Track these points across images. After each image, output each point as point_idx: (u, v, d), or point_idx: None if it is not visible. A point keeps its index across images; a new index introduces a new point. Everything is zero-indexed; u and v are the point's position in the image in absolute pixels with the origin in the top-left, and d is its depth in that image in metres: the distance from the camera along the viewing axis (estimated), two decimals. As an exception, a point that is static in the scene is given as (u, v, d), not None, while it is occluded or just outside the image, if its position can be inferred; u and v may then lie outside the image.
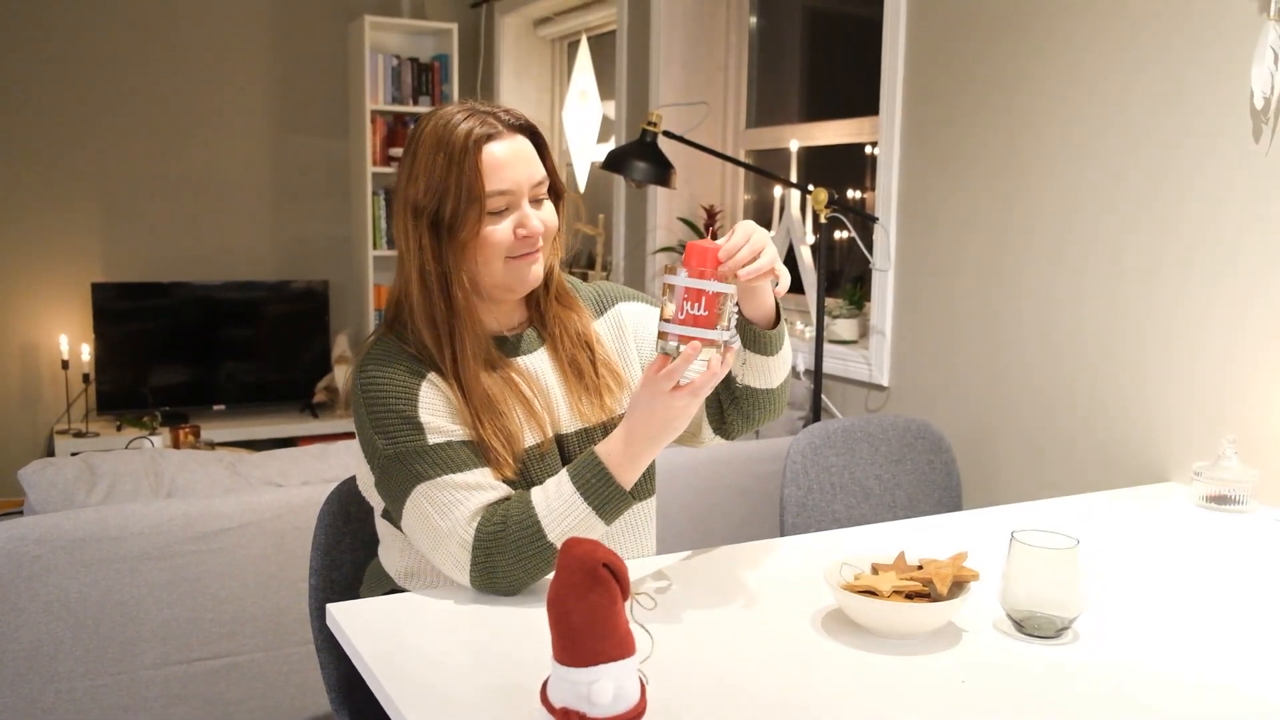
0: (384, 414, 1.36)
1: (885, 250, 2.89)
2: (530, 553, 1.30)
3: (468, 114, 1.39)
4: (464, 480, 1.34)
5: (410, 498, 1.35)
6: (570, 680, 0.95)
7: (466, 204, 1.36)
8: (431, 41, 5.27)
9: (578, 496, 1.30)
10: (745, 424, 1.56)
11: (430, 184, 1.37)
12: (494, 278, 1.41)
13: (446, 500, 1.33)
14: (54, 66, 4.71)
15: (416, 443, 1.35)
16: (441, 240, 1.38)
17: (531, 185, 1.41)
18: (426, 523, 1.34)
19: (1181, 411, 2.14)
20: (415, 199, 1.38)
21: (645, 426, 1.30)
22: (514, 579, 1.32)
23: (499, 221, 1.39)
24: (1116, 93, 2.25)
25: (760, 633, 1.26)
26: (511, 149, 1.39)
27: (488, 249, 1.39)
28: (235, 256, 5.15)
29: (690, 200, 3.94)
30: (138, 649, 1.98)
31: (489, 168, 1.37)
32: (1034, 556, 1.24)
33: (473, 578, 1.32)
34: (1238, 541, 1.69)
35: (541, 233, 1.41)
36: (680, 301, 1.24)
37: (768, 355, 1.46)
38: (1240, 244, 2.02)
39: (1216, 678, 1.17)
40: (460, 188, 1.36)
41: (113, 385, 4.78)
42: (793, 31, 3.82)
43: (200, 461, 2.23)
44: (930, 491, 2.29)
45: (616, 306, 1.60)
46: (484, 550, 1.31)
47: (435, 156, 1.37)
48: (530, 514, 1.30)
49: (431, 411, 1.37)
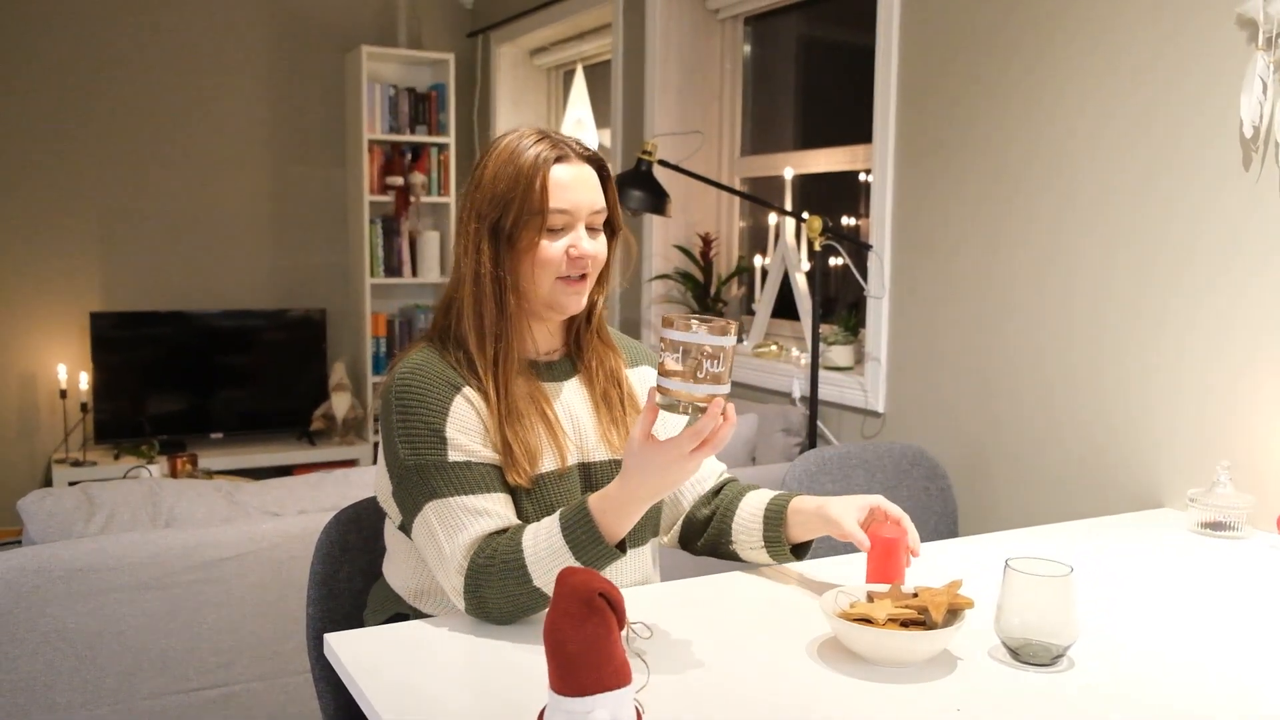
0: (412, 423, 1.39)
1: (880, 277, 2.91)
2: (517, 592, 1.31)
3: (541, 137, 1.46)
4: (474, 504, 1.36)
5: (421, 512, 1.38)
6: (567, 710, 0.96)
7: (529, 216, 1.42)
8: (428, 71, 5.31)
9: (566, 550, 1.30)
10: (710, 554, 1.64)
11: (497, 193, 1.43)
12: (541, 294, 1.46)
13: (454, 522, 1.35)
14: (52, 95, 4.74)
15: (437, 457, 1.37)
16: (500, 248, 1.44)
17: (591, 211, 1.46)
18: (433, 540, 1.36)
19: (1176, 438, 2.16)
20: (480, 205, 1.45)
21: (656, 484, 1.28)
22: (504, 612, 1.33)
23: (555, 239, 1.44)
24: (1108, 122, 2.27)
25: (756, 661, 1.27)
26: (577, 174, 1.45)
27: (540, 263, 1.43)
28: (233, 285, 5.16)
29: (686, 228, 3.96)
30: (136, 679, 1.97)
31: (554, 186, 1.43)
32: (1029, 584, 1.24)
33: (466, 605, 1.34)
34: (1233, 568, 1.70)
35: (591, 257, 1.46)
36: (701, 359, 1.22)
37: (778, 561, 1.58)
38: (1231, 271, 2.04)
39: (1212, 704, 1.18)
40: (525, 200, 1.42)
41: (111, 414, 4.78)
42: (786, 60, 3.86)
43: (198, 491, 2.24)
44: (926, 518, 2.29)
45: (642, 367, 1.66)
46: (474, 581, 1.32)
47: (506, 168, 1.44)
48: (519, 555, 1.31)
49: (459, 428, 1.39)
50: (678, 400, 1.23)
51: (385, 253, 5.18)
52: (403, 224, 5.19)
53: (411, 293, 5.43)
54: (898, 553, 1.44)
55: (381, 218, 5.15)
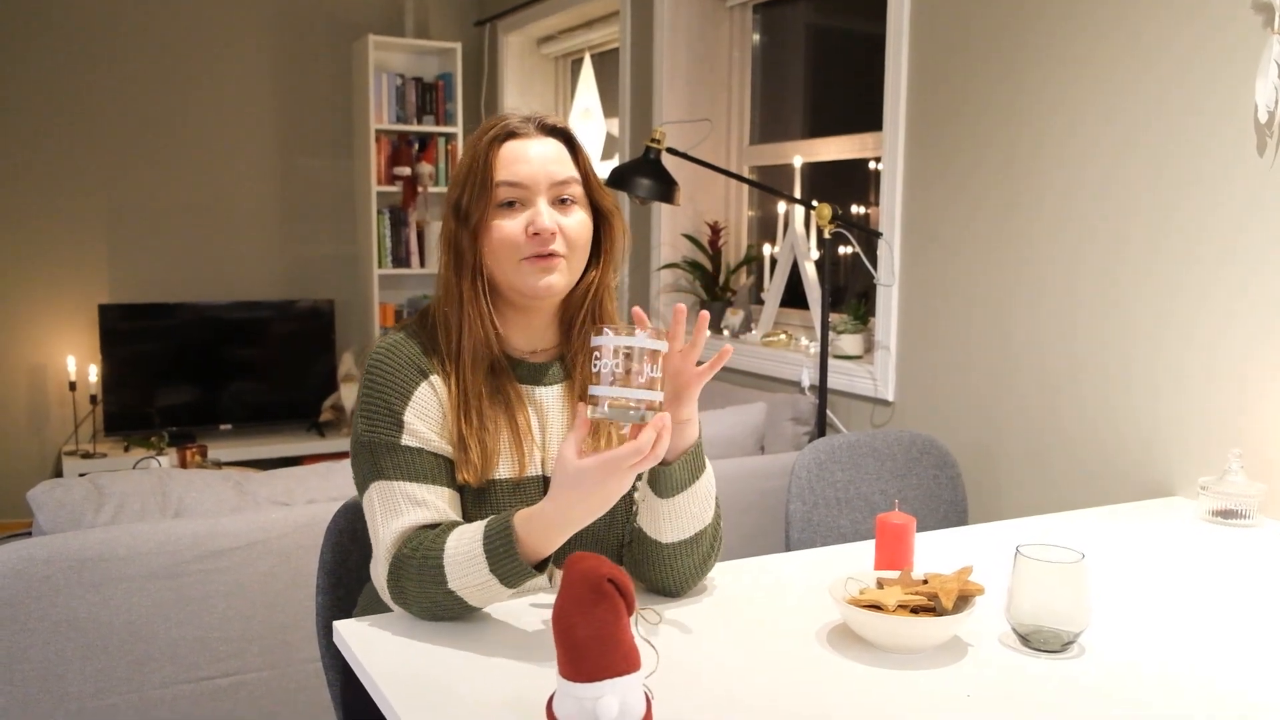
0: (374, 400, 1.37)
1: (889, 265, 2.90)
2: (433, 591, 1.27)
3: (506, 118, 1.43)
4: (416, 493, 1.33)
5: (367, 491, 1.37)
6: (576, 695, 0.95)
7: (479, 192, 1.39)
8: (435, 61, 5.30)
9: (483, 559, 1.24)
10: (633, 570, 1.45)
11: (458, 176, 1.42)
12: (507, 276, 1.40)
13: (392, 507, 1.33)
14: (59, 89, 4.74)
15: (390, 438, 1.36)
16: (460, 230, 1.41)
17: (551, 183, 1.40)
18: (373, 520, 1.35)
19: (1187, 426, 2.14)
20: (450, 190, 1.44)
21: (592, 503, 1.20)
22: (422, 608, 1.30)
23: (510, 216, 1.39)
24: (1119, 108, 2.25)
25: (765, 647, 1.26)
26: (531, 147, 1.41)
27: (497, 242, 1.39)
28: (241, 276, 5.17)
29: (694, 217, 3.95)
30: (147, 668, 1.98)
31: (503, 160, 1.39)
32: (1039, 570, 1.24)
33: (389, 594, 1.32)
34: (1244, 556, 1.69)
35: (554, 232, 1.38)
36: (641, 364, 1.16)
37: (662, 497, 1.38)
38: (1245, 257, 2.02)
39: (1223, 691, 1.17)
40: (477, 176, 1.39)
41: (120, 406, 4.80)
42: (796, 48, 3.84)
43: (207, 481, 2.24)
44: (936, 506, 2.29)
45: None
46: (397, 571, 1.30)
47: (467, 153, 1.42)
48: (439, 555, 1.26)
49: (418, 414, 1.37)
50: (624, 410, 1.16)
51: (393, 243, 5.18)
52: (410, 214, 5.18)
53: (419, 283, 5.43)
54: (907, 539, 1.44)
55: (389, 208, 5.15)
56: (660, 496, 1.37)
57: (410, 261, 5.23)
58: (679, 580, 1.42)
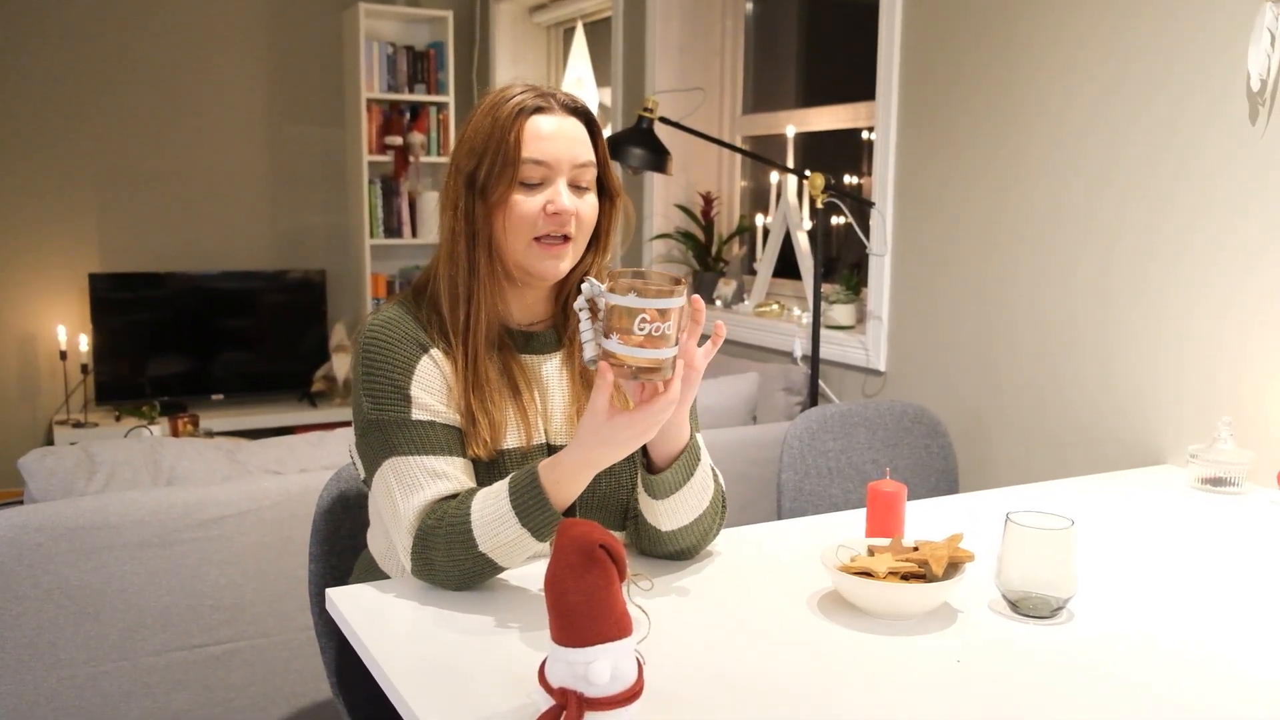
0: (377, 378, 1.36)
1: (882, 235, 2.89)
2: (462, 557, 1.27)
3: (526, 89, 1.41)
4: (434, 466, 1.32)
5: (380, 469, 1.35)
6: (568, 660, 0.96)
7: (501, 166, 1.36)
8: (427, 29, 5.26)
9: (512, 515, 1.25)
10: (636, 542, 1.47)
11: (475, 145, 1.38)
12: (517, 255, 1.39)
13: (411, 481, 1.32)
14: (48, 58, 4.70)
15: (400, 414, 1.34)
16: (474, 202, 1.38)
17: (573, 165, 1.39)
18: (390, 498, 1.34)
19: (1177, 394, 2.15)
20: (459, 159, 1.40)
21: (619, 452, 1.24)
22: (450, 577, 1.29)
23: (531, 194, 1.38)
24: (1112, 76, 2.25)
25: (757, 614, 1.27)
26: (558, 125, 1.39)
27: (515, 218, 1.37)
28: (232, 246, 5.14)
29: (687, 187, 3.94)
30: (139, 636, 1.98)
31: (530, 136, 1.37)
32: (1029, 537, 1.24)
33: (413, 567, 1.31)
34: (1233, 523, 1.70)
35: (572, 214, 1.38)
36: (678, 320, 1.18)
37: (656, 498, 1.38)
38: (1236, 227, 2.02)
39: (1211, 657, 1.18)
40: (500, 149, 1.36)
41: (111, 376, 4.78)
42: (789, 17, 3.82)
43: (199, 450, 2.24)
44: (927, 475, 2.29)
45: None
46: (423, 543, 1.30)
47: (485, 119, 1.39)
48: (465, 520, 1.26)
49: (424, 387, 1.36)
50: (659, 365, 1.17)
51: (385, 213, 5.16)
52: (402, 184, 5.16)
53: (411, 253, 5.41)
54: (898, 507, 1.44)
55: (381, 178, 5.13)
56: (654, 498, 1.37)
57: (402, 232, 5.21)
58: (682, 552, 1.44)
